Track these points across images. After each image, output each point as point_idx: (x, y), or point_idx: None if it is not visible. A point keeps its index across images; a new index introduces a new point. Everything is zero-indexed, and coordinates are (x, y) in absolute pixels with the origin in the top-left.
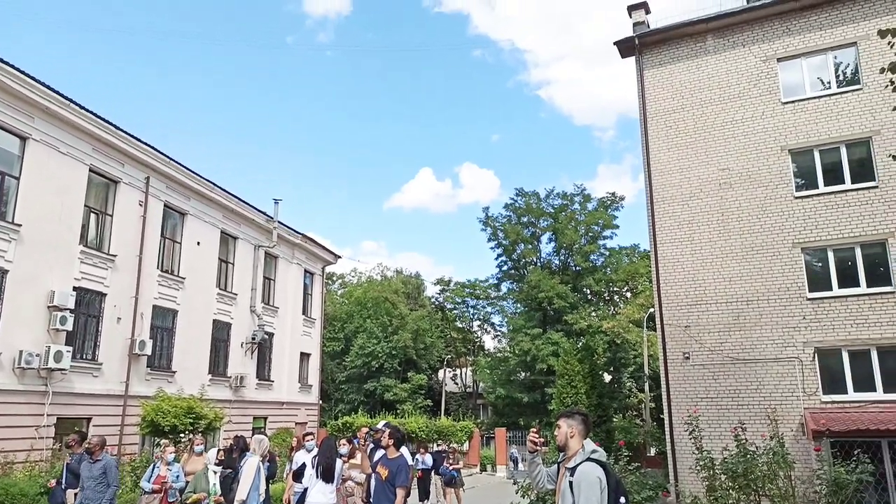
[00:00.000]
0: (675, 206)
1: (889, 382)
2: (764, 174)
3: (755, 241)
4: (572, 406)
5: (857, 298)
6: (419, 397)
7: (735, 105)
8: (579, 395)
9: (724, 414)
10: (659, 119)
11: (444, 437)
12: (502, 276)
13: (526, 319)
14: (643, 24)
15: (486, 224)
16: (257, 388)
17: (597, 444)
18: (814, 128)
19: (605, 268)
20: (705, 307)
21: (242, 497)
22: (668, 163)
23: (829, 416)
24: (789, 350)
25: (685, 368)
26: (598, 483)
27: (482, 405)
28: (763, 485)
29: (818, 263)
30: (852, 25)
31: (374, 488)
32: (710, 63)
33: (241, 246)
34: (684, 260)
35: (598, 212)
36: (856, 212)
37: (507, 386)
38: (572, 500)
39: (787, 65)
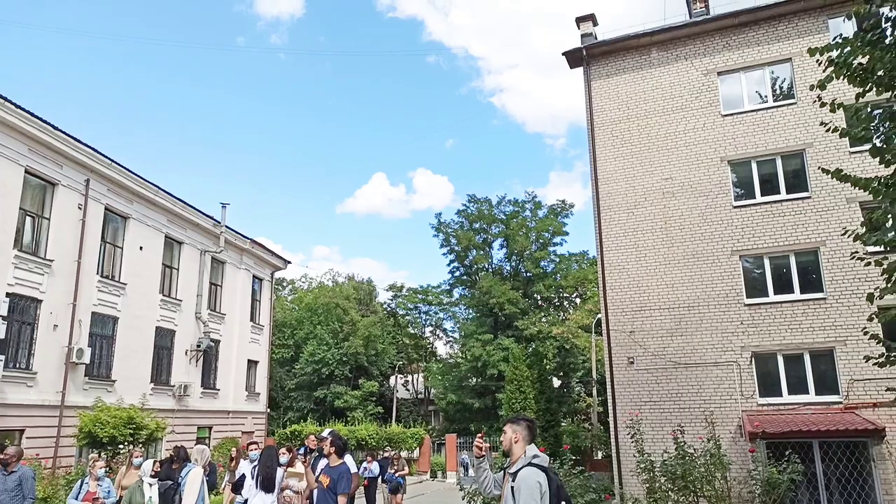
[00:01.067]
0: (620, 213)
1: (821, 385)
2: (705, 184)
3: (696, 249)
4: (521, 411)
5: (792, 304)
6: (370, 404)
7: (678, 116)
8: (528, 400)
9: (667, 417)
10: (606, 129)
11: (394, 444)
12: (454, 282)
13: (477, 325)
14: (591, 35)
15: (438, 230)
16: (202, 397)
17: (541, 450)
18: (751, 140)
19: (555, 274)
20: (649, 313)
21: None
22: (614, 171)
23: (765, 418)
24: (728, 354)
25: (629, 373)
26: (538, 487)
27: (434, 411)
28: (701, 486)
29: (755, 270)
30: (787, 42)
31: (316, 497)
32: (655, 75)
33: (186, 251)
34: (629, 266)
35: (548, 219)
36: (790, 221)
37: (458, 392)
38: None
39: (727, 78)
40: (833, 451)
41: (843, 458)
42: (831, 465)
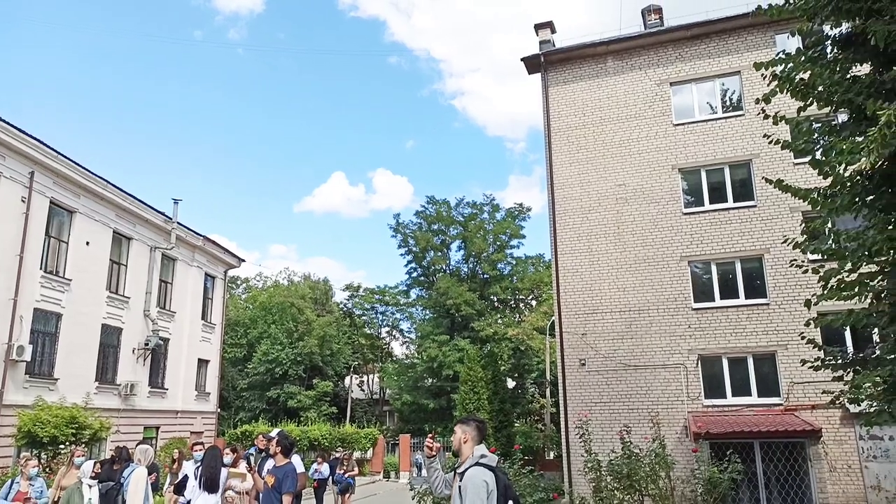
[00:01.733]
0: (575, 218)
1: (763, 387)
2: (656, 191)
3: (647, 254)
4: (474, 412)
5: (737, 309)
6: (324, 405)
7: (632, 125)
8: (482, 401)
9: (616, 418)
10: (562, 134)
11: (347, 445)
12: (412, 283)
13: (434, 326)
14: (549, 42)
15: (396, 231)
16: (150, 397)
17: (492, 450)
18: (701, 149)
19: (511, 276)
20: (601, 316)
21: None
22: (569, 177)
23: (709, 419)
24: (676, 357)
25: (581, 374)
26: (485, 486)
27: (389, 412)
28: (645, 485)
29: (703, 276)
30: (737, 56)
31: (261, 497)
32: (610, 83)
33: (135, 247)
34: (583, 270)
35: (506, 221)
36: (737, 229)
37: (413, 392)
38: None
39: (680, 89)
40: (773, 450)
41: (782, 457)
42: (771, 465)
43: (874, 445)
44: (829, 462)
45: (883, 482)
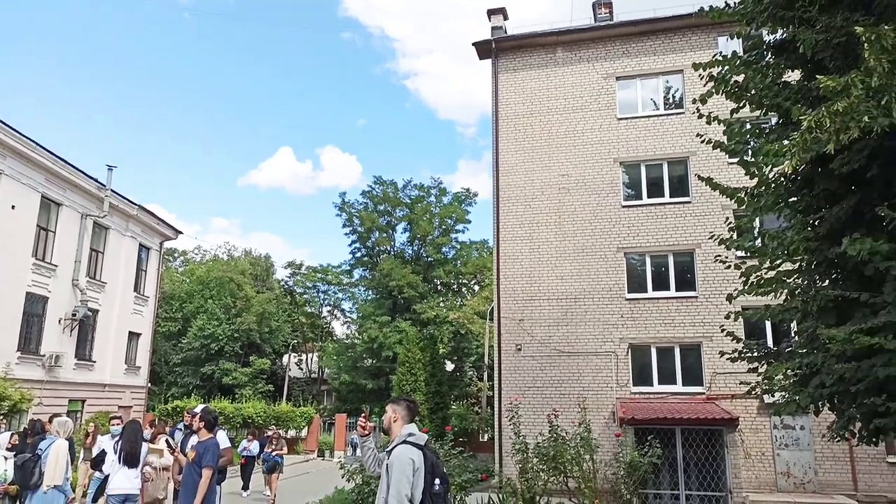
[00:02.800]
0: (518, 205)
1: (688, 377)
2: (598, 183)
3: (586, 244)
4: (410, 393)
5: (667, 301)
6: (260, 382)
7: (577, 116)
8: (418, 383)
9: (548, 402)
10: (509, 122)
11: (281, 423)
12: (355, 263)
13: (376, 307)
14: (501, 29)
15: (342, 210)
16: (76, 369)
17: (423, 430)
18: (643, 144)
19: (455, 260)
20: (539, 303)
21: (57, 482)
22: (515, 164)
23: (636, 406)
24: (608, 345)
25: (517, 359)
26: (410, 464)
27: (326, 391)
28: (570, 467)
29: (638, 267)
30: (680, 55)
31: (183, 472)
32: (559, 74)
33: (65, 213)
34: (523, 257)
35: (452, 206)
36: (672, 223)
37: (352, 372)
38: (387, 480)
39: (625, 84)
40: (693, 437)
41: (701, 443)
42: (691, 450)
43: (787, 434)
44: (744, 449)
45: (792, 469)
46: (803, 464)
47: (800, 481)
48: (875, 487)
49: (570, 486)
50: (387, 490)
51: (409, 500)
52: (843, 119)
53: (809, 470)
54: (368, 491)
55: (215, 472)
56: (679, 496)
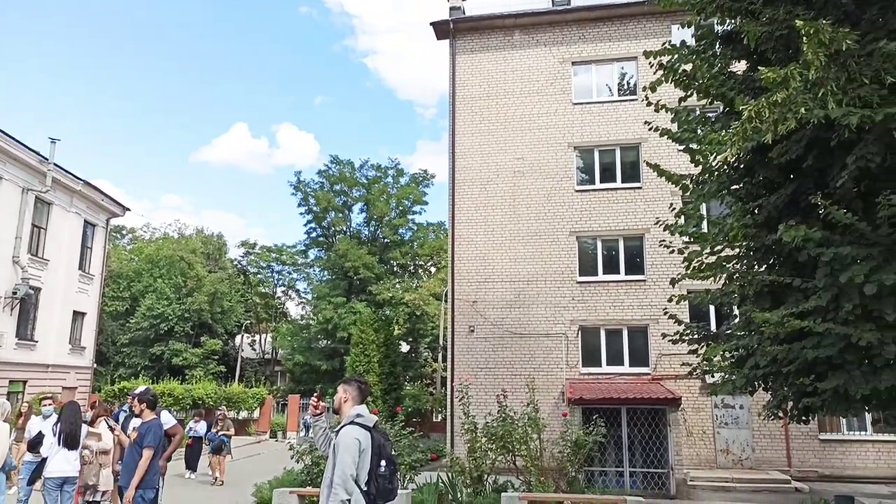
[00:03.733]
0: (474, 188)
1: (635, 358)
2: (552, 167)
3: (539, 228)
4: (363, 374)
5: (617, 284)
6: (212, 363)
7: (533, 100)
8: (372, 364)
9: (499, 383)
10: (466, 104)
11: (233, 404)
12: (310, 243)
13: (331, 288)
14: (459, 9)
15: (297, 189)
16: (17, 349)
17: (374, 411)
18: (597, 129)
19: (412, 242)
20: (492, 285)
21: None
22: (471, 147)
23: (584, 386)
24: (559, 327)
25: (470, 340)
26: (356, 444)
27: (280, 372)
28: (518, 446)
29: (589, 251)
30: (635, 41)
31: (125, 453)
32: (516, 57)
33: (4, 188)
34: (478, 239)
35: (409, 187)
36: (623, 208)
37: (306, 353)
38: (333, 461)
39: (581, 69)
40: (638, 416)
41: (646, 422)
42: (635, 429)
43: (727, 413)
44: (686, 427)
45: (731, 446)
46: (741, 441)
47: (738, 458)
48: (807, 463)
49: (518, 464)
50: (332, 470)
51: (354, 481)
52: (781, 110)
53: (747, 447)
54: (318, 471)
55: (157, 453)
56: (623, 473)
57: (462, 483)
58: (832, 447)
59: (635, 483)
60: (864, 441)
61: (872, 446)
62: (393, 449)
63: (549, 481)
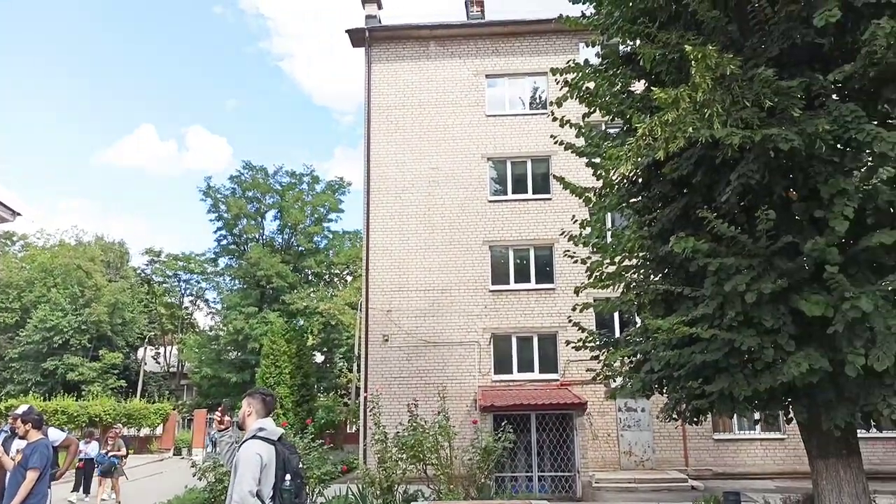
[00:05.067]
0: (389, 197)
1: (544, 365)
2: (466, 177)
3: (453, 237)
4: (274, 386)
5: (528, 293)
6: (111, 378)
7: (448, 111)
8: (283, 375)
9: (413, 392)
10: (382, 113)
11: (133, 421)
12: (221, 251)
13: (242, 297)
14: (375, 18)
15: (207, 194)
16: None
17: (283, 424)
18: (509, 141)
19: (327, 250)
20: (407, 294)
21: None
22: (386, 155)
23: (495, 393)
24: (471, 335)
25: (384, 350)
26: (257, 459)
27: (186, 386)
28: (429, 455)
29: (501, 260)
30: (545, 57)
31: (8, 477)
32: (431, 68)
33: None
34: (393, 248)
35: (325, 194)
36: (534, 218)
37: (215, 365)
38: (234, 477)
39: (494, 82)
40: (547, 421)
41: (554, 427)
42: (544, 434)
43: (630, 416)
44: (592, 431)
45: (634, 448)
46: (643, 443)
47: (640, 459)
48: (703, 462)
49: (430, 473)
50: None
51: (258, 497)
52: (672, 129)
53: (648, 448)
54: (221, 489)
55: (44, 475)
56: (532, 477)
57: (372, 494)
58: (725, 446)
59: (544, 487)
60: (752, 440)
61: (760, 444)
62: (301, 462)
63: (458, 489)
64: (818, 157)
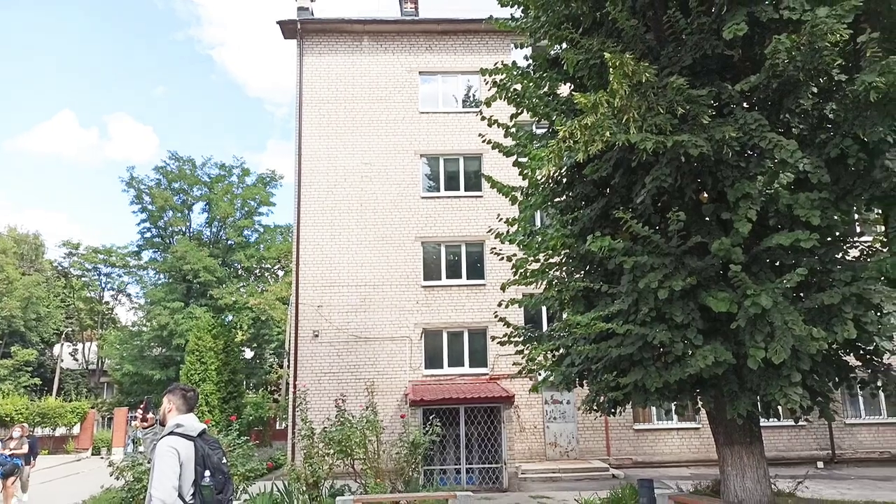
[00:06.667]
0: (320, 191)
1: (474, 359)
2: (399, 173)
3: (386, 233)
4: (200, 382)
5: (459, 288)
6: (24, 375)
7: (381, 106)
8: (209, 372)
9: (344, 387)
10: (314, 106)
11: (48, 420)
12: (145, 244)
13: (167, 292)
14: (307, 10)
15: (129, 185)
16: None
17: (206, 421)
18: (442, 139)
19: (258, 244)
20: (338, 289)
21: None
22: (318, 149)
23: (425, 388)
24: (403, 330)
25: (314, 345)
26: (173, 455)
27: (107, 384)
28: (357, 450)
29: (433, 256)
30: (478, 56)
31: None
32: (365, 63)
33: None
34: (324, 243)
35: (256, 187)
36: (466, 215)
37: (137, 362)
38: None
39: (428, 79)
40: (476, 414)
41: (482, 420)
42: (473, 427)
43: (556, 409)
44: (519, 423)
45: (559, 439)
46: (568, 434)
47: (564, 450)
48: (623, 451)
49: (357, 468)
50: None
51: (179, 495)
52: (591, 132)
53: (573, 439)
54: (140, 488)
55: None
56: (461, 470)
57: (298, 490)
58: (644, 436)
59: (472, 479)
60: (670, 430)
61: (677, 434)
62: (226, 458)
63: (385, 482)
64: (726, 162)
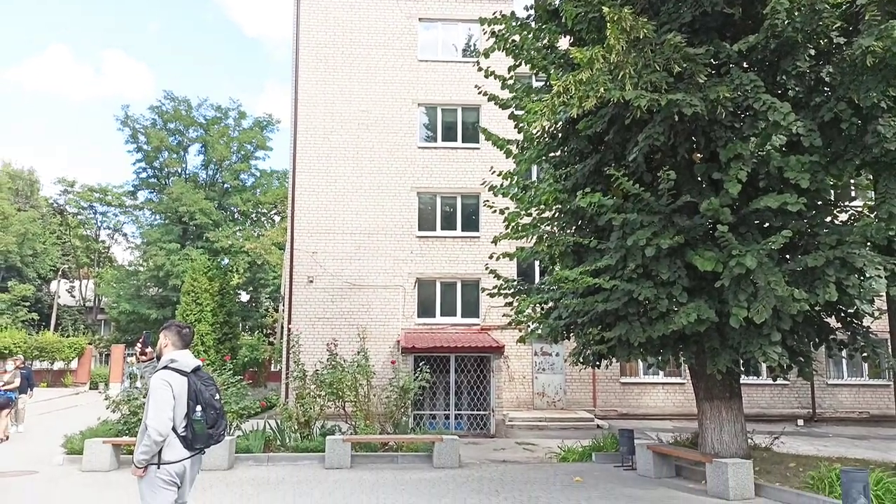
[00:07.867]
0: (317, 137)
1: (466, 310)
2: (396, 122)
3: (382, 182)
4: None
5: (454, 240)
6: (21, 310)
7: (379, 52)
8: (204, 313)
9: (337, 333)
10: (311, 50)
11: (46, 354)
12: (140, 184)
13: (163, 233)
14: None
15: (125, 124)
16: None
17: (201, 359)
18: (441, 88)
19: (254, 188)
20: (333, 236)
21: None
22: (315, 95)
23: (417, 336)
24: (397, 279)
25: (308, 291)
26: (167, 388)
27: (104, 321)
28: (348, 392)
29: (429, 207)
30: (480, 4)
31: None
32: (364, 7)
33: None
34: (320, 190)
35: (252, 131)
36: (462, 167)
37: (133, 301)
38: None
39: (427, 26)
40: (466, 363)
41: (472, 369)
42: (462, 375)
43: (545, 360)
44: (508, 373)
45: (547, 389)
46: (556, 385)
47: (552, 400)
48: (609, 403)
49: (348, 410)
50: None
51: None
52: (585, 88)
53: (560, 390)
54: (136, 421)
55: None
56: (450, 415)
57: (290, 429)
58: (630, 389)
59: (460, 424)
60: (655, 384)
61: (662, 388)
62: (220, 395)
63: (375, 424)
64: (719, 122)
